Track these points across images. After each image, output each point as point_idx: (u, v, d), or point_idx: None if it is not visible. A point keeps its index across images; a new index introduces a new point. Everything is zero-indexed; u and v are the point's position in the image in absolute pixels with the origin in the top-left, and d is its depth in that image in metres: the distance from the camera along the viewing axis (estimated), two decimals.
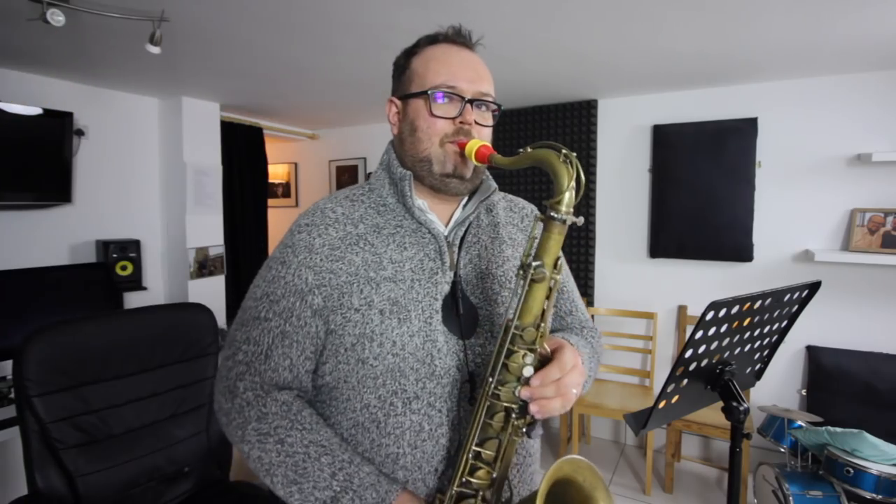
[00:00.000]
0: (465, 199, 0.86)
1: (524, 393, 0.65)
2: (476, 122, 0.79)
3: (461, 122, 0.77)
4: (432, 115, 0.77)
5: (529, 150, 0.69)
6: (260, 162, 3.72)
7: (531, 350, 0.67)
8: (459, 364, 0.77)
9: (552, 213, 0.65)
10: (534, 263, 0.66)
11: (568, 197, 0.65)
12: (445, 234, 0.81)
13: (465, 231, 0.83)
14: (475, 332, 0.78)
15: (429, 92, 0.77)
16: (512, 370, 0.67)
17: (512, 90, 2.79)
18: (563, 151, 0.66)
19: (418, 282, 0.77)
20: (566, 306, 0.95)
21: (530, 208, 0.96)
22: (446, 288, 0.78)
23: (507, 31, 1.86)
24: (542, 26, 1.82)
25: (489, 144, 0.76)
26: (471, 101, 0.78)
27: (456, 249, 0.81)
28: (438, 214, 0.83)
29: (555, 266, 0.67)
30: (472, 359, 0.78)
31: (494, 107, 0.82)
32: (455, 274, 0.79)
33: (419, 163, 0.79)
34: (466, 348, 0.77)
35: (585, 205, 3.05)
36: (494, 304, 0.81)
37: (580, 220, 0.67)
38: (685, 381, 1.10)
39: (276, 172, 4.46)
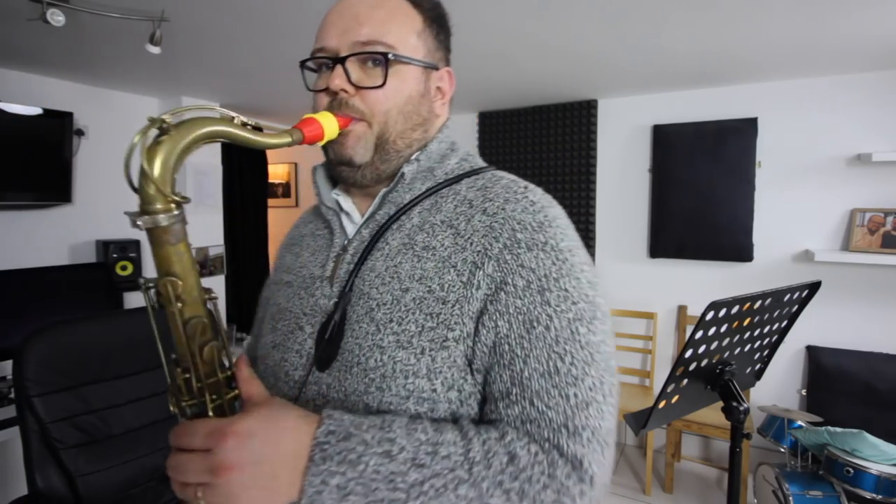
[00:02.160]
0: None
1: None
2: (358, 86, 0.59)
3: (334, 92, 0.59)
4: (308, 89, 0.64)
5: None
6: (260, 162, 3.72)
7: (184, 401, 0.50)
8: (301, 398, 0.60)
9: (137, 222, 0.45)
10: (141, 280, 0.49)
11: (153, 189, 0.44)
12: (350, 236, 0.65)
13: (378, 233, 0.61)
14: (333, 365, 0.58)
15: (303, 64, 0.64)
16: None
17: (512, 90, 2.79)
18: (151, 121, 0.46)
19: (304, 289, 0.65)
20: (502, 382, 0.53)
21: (502, 200, 0.58)
22: (325, 303, 0.61)
23: (506, 30, 1.86)
24: (542, 26, 1.82)
25: (330, 116, 0.57)
26: (343, 60, 0.58)
27: (355, 256, 0.62)
28: (363, 213, 0.67)
29: (174, 287, 0.47)
30: (314, 396, 0.59)
31: (380, 57, 0.58)
32: (346, 287, 0.60)
33: (323, 150, 0.64)
34: (307, 381, 0.59)
35: (586, 205, 3.05)
36: (357, 334, 0.57)
37: (167, 219, 0.46)
38: (685, 381, 1.10)
39: (276, 172, 4.46)
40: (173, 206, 0.46)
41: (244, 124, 0.49)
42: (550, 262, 0.54)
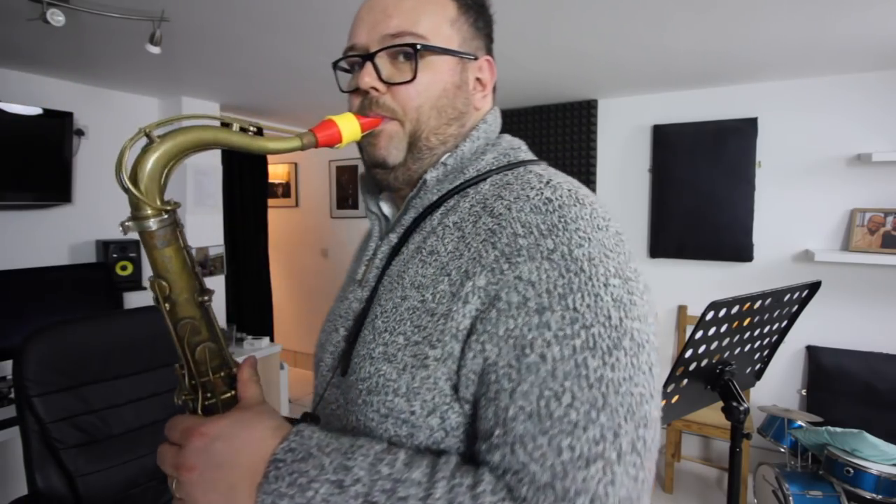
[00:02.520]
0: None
1: None
2: (389, 83, 0.56)
3: (365, 91, 0.57)
4: (342, 91, 0.62)
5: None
6: (260, 162, 3.72)
7: (184, 396, 0.52)
8: (324, 398, 0.60)
9: (120, 227, 0.46)
10: (150, 278, 0.50)
11: (139, 198, 0.45)
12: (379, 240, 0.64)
13: (403, 237, 0.59)
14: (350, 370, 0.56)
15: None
16: None
17: (512, 90, 2.79)
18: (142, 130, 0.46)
19: (343, 292, 0.66)
20: (486, 419, 0.45)
21: (513, 197, 0.50)
22: (356, 307, 0.60)
23: (507, 30, 1.86)
24: (543, 26, 1.82)
25: (351, 117, 0.55)
26: (372, 56, 0.56)
27: (382, 261, 0.60)
28: None
29: (162, 289, 0.47)
30: (333, 399, 0.58)
31: (409, 49, 0.55)
32: (372, 292, 0.57)
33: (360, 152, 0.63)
34: (330, 383, 0.59)
35: None
36: (361, 341, 0.55)
37: (154, 224, 0.46)
38: (685, 381, 1.10)
39: (276, 172, 4.46)
40: (162, 212, 0.46)
41: (244, 130, 0.48)
42: (557, 273, 0.44)
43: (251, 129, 0.49)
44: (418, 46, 0.54)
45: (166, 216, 0.47)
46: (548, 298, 0.44)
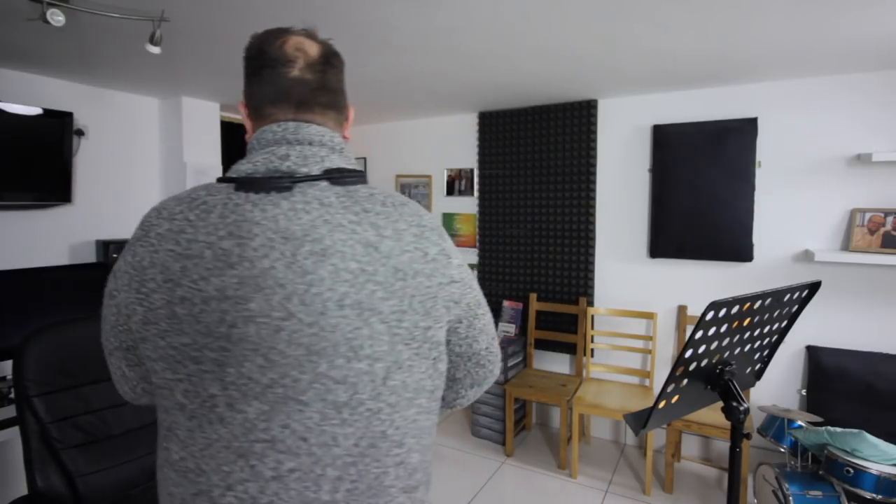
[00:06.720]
0: None
1: None
2: None
3: None
4: None
5: None
6: None
7: None
8: None
9: None
10: None
11: None
12: None
13: None
14: None
15: None
16: None
17: (512, 90, 2.79)
18: None
19: None
20: None
21: None
22: None
23: (506, 31, 1.86)
24: (542, 26, 1.82)
25: None
26: None
27: None
28: None
29: None
30: None
31: None
32: None
33: None
34: None
35: (586, 205, 3.05)
36: None
37: None
38: (685, 381, 1.10)
39: None
40: None
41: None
42: None
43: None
44: None
45: None
46: None
